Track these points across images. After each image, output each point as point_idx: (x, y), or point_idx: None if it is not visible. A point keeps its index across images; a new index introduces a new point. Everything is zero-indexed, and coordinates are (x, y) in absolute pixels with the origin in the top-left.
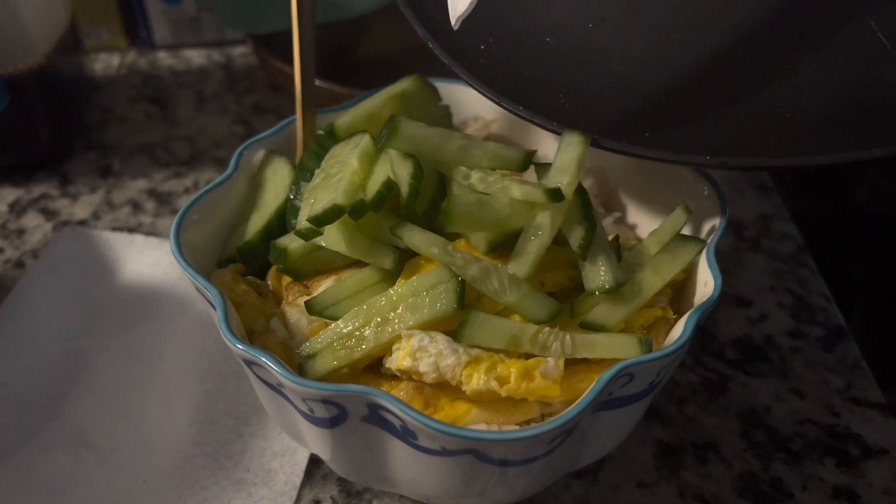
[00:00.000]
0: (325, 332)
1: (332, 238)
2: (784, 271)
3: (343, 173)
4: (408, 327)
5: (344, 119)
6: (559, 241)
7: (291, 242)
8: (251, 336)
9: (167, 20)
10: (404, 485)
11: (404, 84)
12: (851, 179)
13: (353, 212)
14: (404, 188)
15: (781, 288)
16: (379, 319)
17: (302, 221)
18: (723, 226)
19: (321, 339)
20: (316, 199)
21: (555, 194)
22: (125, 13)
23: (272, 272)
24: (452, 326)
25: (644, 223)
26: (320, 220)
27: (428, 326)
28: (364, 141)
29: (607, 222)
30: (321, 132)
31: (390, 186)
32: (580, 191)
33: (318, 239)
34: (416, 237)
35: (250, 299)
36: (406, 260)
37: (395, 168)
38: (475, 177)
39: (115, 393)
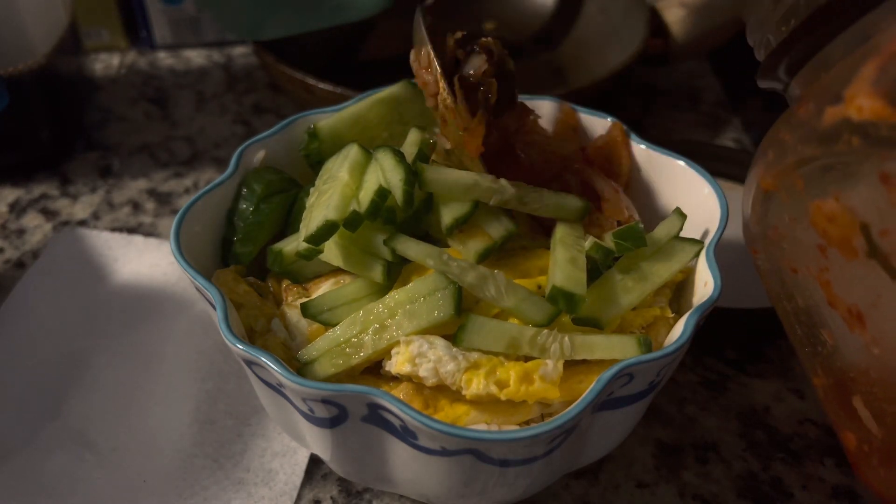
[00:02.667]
0: (323, 338)
1: (329, 252)
2: None
3: (334, 188)
4: (406, 334)
5: (328, 122)
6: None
7: (286, 246)
8: (252, 336)
9: (167, 20)
10: (404, 485)
11: (394, 89)
12: None
13: (349, 224)
14: (398, 195)
15: None
16: (377, 326)
17: (301, 242)
18: (722, 226)
19: (319, 345)
20: (311, 218)
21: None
22: (125, 13)
23: (273, 273)
24: (451, 330)
25: (644, 223)
26: (316, 238)
27: (425, 332)
28: (353, 152)
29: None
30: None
31: (384, 195)
32: None
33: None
34: (410, 249)
35: (251, 300)
36: (397, 270)
37: (387, 175)
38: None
39: (116, 393)
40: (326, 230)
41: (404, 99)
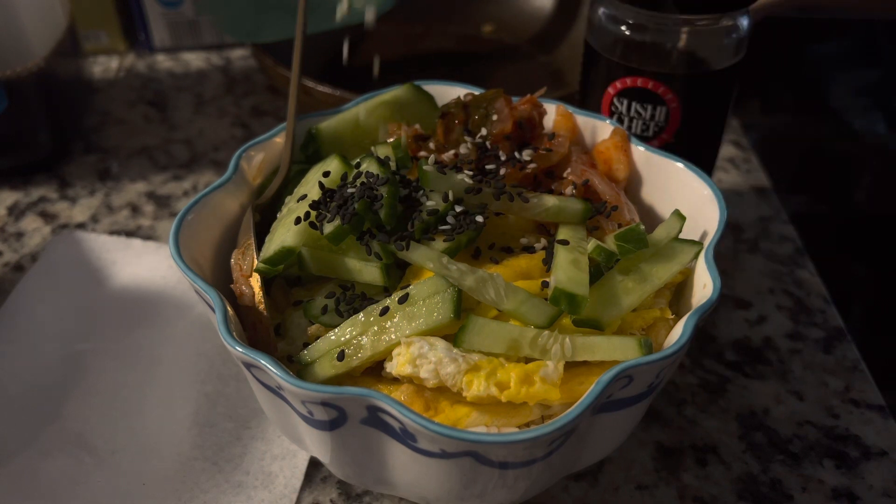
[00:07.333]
0: (323, 339)
1: (319, 264)
2: (783, 273)
3: (300, 210)
4: (405, 336)
5: (329, 124)
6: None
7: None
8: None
9: (166, 23)
10: (404, 487)
11: (397, 92)
12: (850, 181)
13: (333, 238)
14: (384, 209)
15: (780, 290)
16: (376, 328)
17: (258, 262)
18: (721, 228)
19: (319, 346)
20: (273, 238)
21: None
22: (124, 16)
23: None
24: (452, 331)
25: (643, 223)
26: (272, 262)
27: (425, 334)
28: (332, 166)
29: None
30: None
31: (366, 208)
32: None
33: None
34: (411, 252)
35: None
36: (396, 271)
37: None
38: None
39: (115, 396)
40: (282, 256)
41: (407, 101)
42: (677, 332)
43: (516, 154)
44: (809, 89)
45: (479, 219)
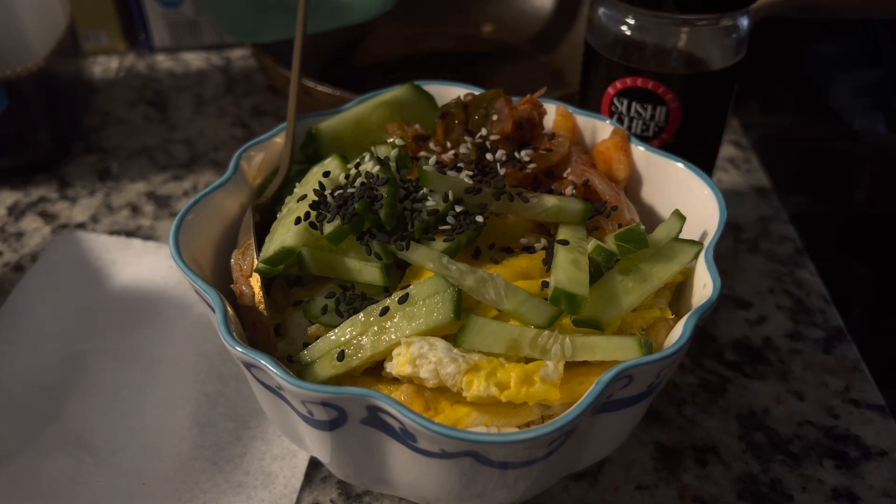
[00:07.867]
0: (323, 339)
1: (319, 264)
2: (783, 273)
3: (300, 209)
4: (405, 336)
5: (329, 123)
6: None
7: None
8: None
9: (166, 23)
10: (404, 487)
11: (397, 92)
12: (850, 181)
13: (333, 238)
14: (384, 209)
15: (780, 290)
16: (376, 328)
17: (258, 262)
18: (721, 228)
19: (319, 346)
20: (273, 238)
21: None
22: (124, 16)
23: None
24: (452, 331)
25: (643, 223)
26: (272, 262)
27: (425, 334)
28: (331, 167)
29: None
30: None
31: (366, 208)
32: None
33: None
34: (411, 252)
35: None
36: (396, 271)
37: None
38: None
39: (115, 396)
40: (282, 256)
41: (407, 101)
42: (677, 332)
43: (516, 154)
44: (809, 89)
45: (479, 219)
